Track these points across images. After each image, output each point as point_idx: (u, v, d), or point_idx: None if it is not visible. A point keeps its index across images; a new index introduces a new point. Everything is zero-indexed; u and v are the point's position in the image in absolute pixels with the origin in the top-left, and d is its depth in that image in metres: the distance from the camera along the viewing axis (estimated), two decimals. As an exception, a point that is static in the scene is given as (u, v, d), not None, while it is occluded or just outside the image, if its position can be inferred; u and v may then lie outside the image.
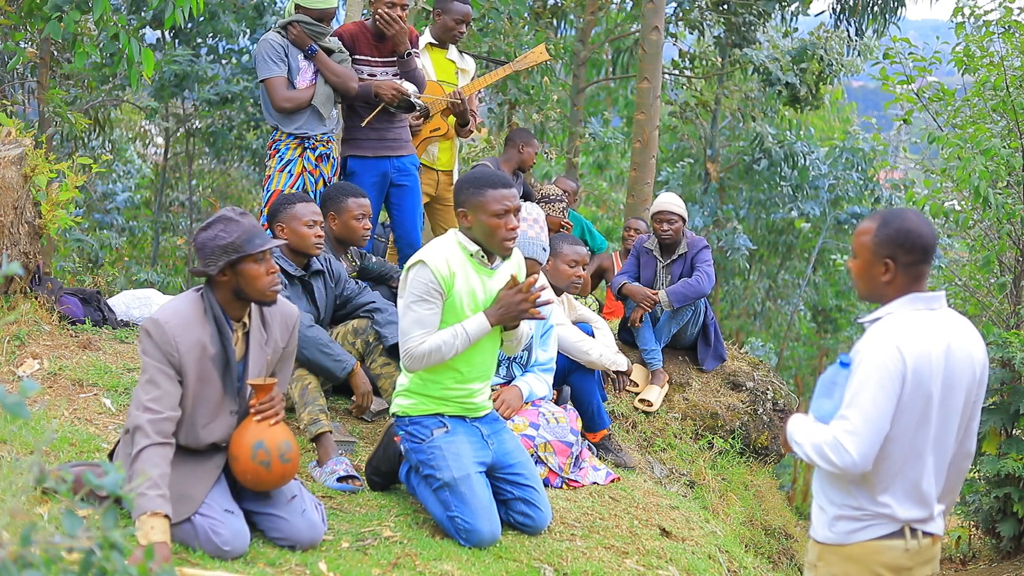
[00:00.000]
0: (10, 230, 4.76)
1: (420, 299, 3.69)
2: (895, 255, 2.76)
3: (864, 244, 2.82)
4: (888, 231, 2.77)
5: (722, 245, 14.90)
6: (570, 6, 12.91)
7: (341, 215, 4.93)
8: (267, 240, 3.31)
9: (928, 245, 2.76)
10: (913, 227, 2.76)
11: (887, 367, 2.67)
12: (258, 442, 3.27)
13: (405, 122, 5.66)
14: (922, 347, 2.71)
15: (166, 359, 3.20)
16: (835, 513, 2.80)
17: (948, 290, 8.18)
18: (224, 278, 3.28)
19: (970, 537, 7.58)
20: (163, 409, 3.18)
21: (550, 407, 4.67)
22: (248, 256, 3.26)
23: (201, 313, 3.29)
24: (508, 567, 3.59)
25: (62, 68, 9.92)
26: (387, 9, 5.38)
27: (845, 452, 2.66)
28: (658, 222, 6.14)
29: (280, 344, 3.48)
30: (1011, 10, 7.22)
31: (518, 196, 3.82)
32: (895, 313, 2.78)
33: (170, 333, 3.19)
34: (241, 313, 3.36)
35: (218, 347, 3.28)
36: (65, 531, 1.70)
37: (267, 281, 3.30)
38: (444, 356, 3.71)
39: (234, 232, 3.27)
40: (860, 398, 2.67)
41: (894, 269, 2.77)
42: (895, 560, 2.76)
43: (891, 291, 2.82)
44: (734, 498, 5.77)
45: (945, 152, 7.28)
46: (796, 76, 12.99)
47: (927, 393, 2.71)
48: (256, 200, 15.69)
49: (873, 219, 2.83)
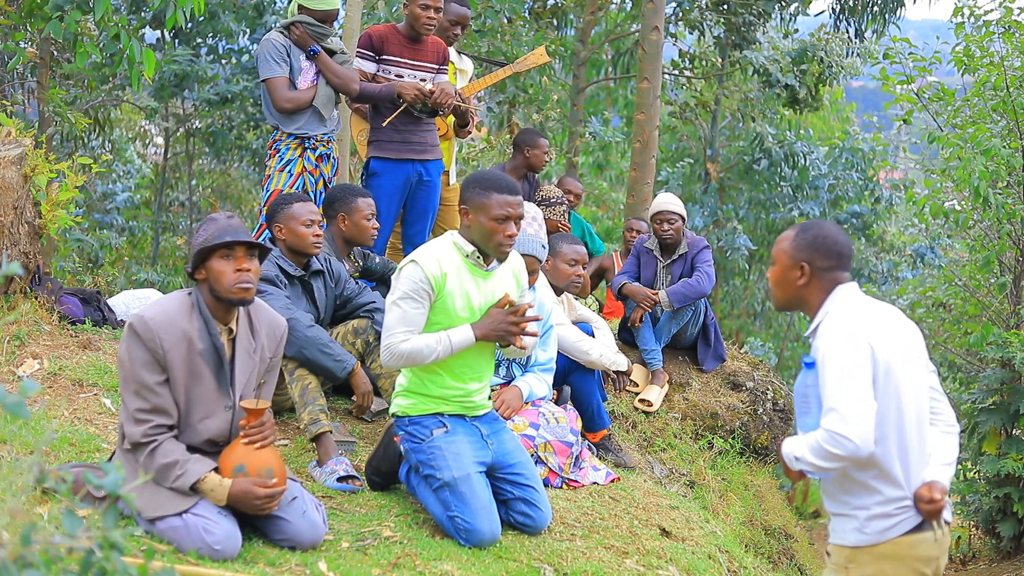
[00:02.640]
0: (10, 230, 4.76)
1: (408, 296, 3.69)
2: (811, 259, 2.90)
3: (782, 250, 2.96)
4: (805, 237, 2.92)
5: (722, 245, 14.89)
6: (570, 6, 12.91)
7: (352, 215, 4.93)
8: (239, 236, 3.28)
9: (843, 251, 2.90)
10: (829, 234, 2.91)
11: (855, 352, 2.75)
12: (239, 465, 3.26)
13: (432, 125, 5.67)
14: (879, 330, 2.81)
15: (151, 356, 3.19)
16: (867, 515, 2.82)
17: (948, 290, 8.19)
18: (201, 276, 3.30)
19: (970, 537, 7.59)
20: (154, 418, 3.20)
21: (550, 407, 4.67)
22: (215, 252, 3.26)
23: (188, 309, 3.29)
24: (508, 567, 3.59)
25: (62, 68, 9.92)
26: (421, 11, 5.42)
27: (845, 439, 2.68)
28: (658, 222, 6.14)
29: (267, 354, 3.46)
30: (1011, 10, 7.22)
31: (522, 204, 3.81)
32: (832, 312, 2.87)
33: (155, 329, 3.19)
34: (226, 316, 3.35)
35: (207, 343, 3.28)
36: (65, 531, 1.70)
37: (232, 277, 3.26)
38: (424, 360, 3.71)
39: (209, 230, 3.29)
40: (837, 387, 2.72)
41: (809, 273, 2.90)
42: (928, 552, 2.82)
43: (808, 296, 2.93)
44: (734, 498, 5.77)
45: (945, 152, 7.28)
46: (796, 78, 12.99)
47: (895, 371, 2.80)
48: (256, 200, 15.69)
49: (792, 228, 2.99)
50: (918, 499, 2.80)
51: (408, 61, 5.55)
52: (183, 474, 3.18)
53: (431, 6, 5.44)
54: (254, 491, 3.22)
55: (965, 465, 7.62)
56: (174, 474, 3.18)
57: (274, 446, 3.40)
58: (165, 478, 3.19)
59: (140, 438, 3.19)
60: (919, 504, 2.80)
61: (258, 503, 3.23)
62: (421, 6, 5.44)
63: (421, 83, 5.47)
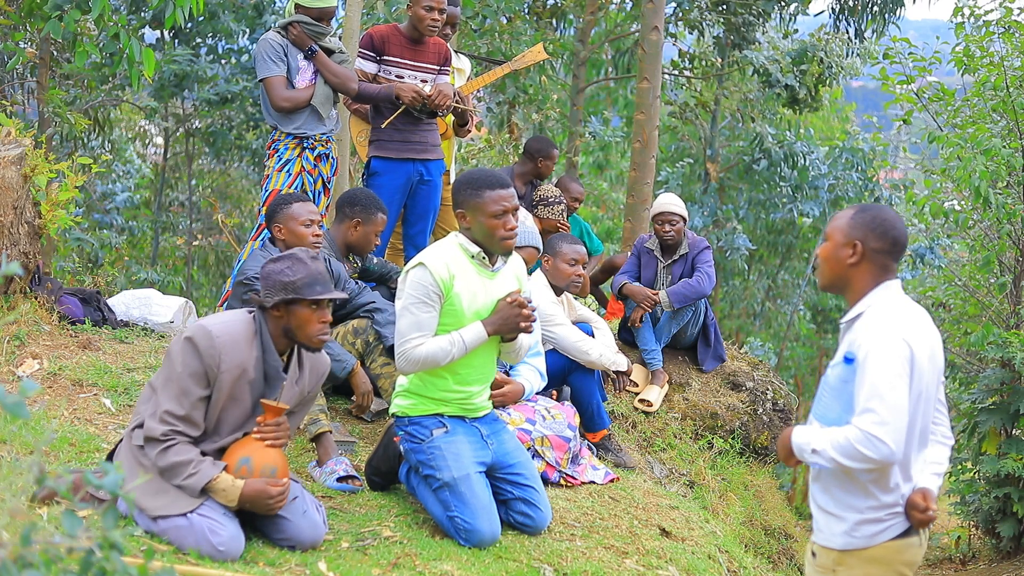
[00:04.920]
0: (10, 230, 4.75)
1: (419, 301, 3.68)
2: (865, 238, 2.81)
3: (837, 227, 2.88)
4: (864, 216, 2.85)
5: (722, 245, 14.89)
6: (570, 6, 12.90)
7: (367, 225, 4.92)
8: (328, 290, 3.33)
9: (898, 238, 2.82)
10: (888, 218, 2.84)
11: (900, 356, 2.69)
12: (245, 458, 3.27)
13: (433, 125, 5.66)
14: (920, 336, 2.76)
15: (204, 372, 3.20)
16: (857, 519, 2.79)
17: (948, 290, 8.18)
18: (277, 313, 3.32)
19: (970, 537, 7.59)
20: (180, 424, 3.21)
21: (546, 403, 4.67)
22: (304, 300, 3.29)
23: (251, 335, 3.31)
24: (508, 567, 3.59)
25: (62, 68, 9.91)
26: (424, 12, 5.42)
27: (881, 443, 2.63)
28: (660, 223, 6.13)
29: (307, 388, 3.52)
30: (1011, 10, 7.21)
31: (515, 196, 3.82)
32: (876, 305, 2.80)
33: (219, 346, 3.20)
34: (284, 349, 3.39)
35: (259, 373, 3.30)
36: (65, 531, 1.70)
37: (317, 328, 3.33)
38: (439, 362, 3.71)
39: (299, 273, 3.30)
40: (881, 388, 2.66)
41: (860, 252, 2.82)
42: (913, 556, 2.82)
43: (855, 277, 2.84)
44: (734, 498, 5.77)
45: (945, 152, 7.28)
46: (796, 78, 12.99)
47: (924, 381, 2.76)
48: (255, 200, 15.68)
49: (851, 207, 2.92)
50: (912, 506, 2.78)
51: (409, 62, 5.55)
52: (196, 473, 3.18)
53: (435, 8, 5.44)
54: (267, 490, 3.23)
55: (965, 465, 7.62)
56: (186, 472, 3.18)
57: (281, 450, 3.40)
58: (175, 475, 3.19)
59: (159, 435, 3.18)
60: (912, 512, 2.78)
61: (271, 502, 3.25)
62: (425, 8, 5.43)
63: (420, 85, 5.47)
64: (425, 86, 5.48)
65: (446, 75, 5.70)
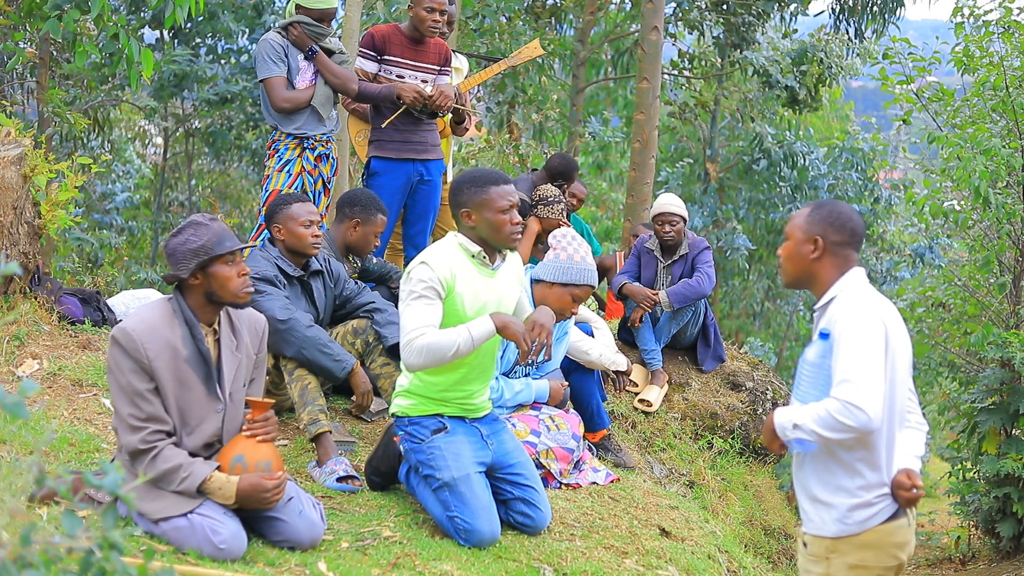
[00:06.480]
0: (10, 230, 4.75)
1: (421, 296, 3.67)
2: (825, 233, 2.92)
3: (797, 225, 2.99)
4: (821, 212, 2.96)
5: (722, 245, 14.90)
6: (569, 6, 12.91)
7: (366, 226, 4.93)
8: (236, 242, 3.35)
9: (856, 228, 2.94)
10: (844, 211, 2.96)
11: (875, 331, 2.79)
12: (239, 456, 3.28)
13: (433, 125, 5.67)
14: (890, 316, 2.86)
15: (137, 367, 3.20)
16: (849, 504, 2.84)
17: (948, 290, 8.18)
18: (196, 281, 3.31)
19: (970, 537, 7.59)
20: (150, 424, 3.20)
21: (551, 411, 4.66)
22: (218, 258, 3.29)
23: (170, 317, 3.31)
24: (508, 567, 3.59)
25: (61, 68, 9.92)
26: (426, 13, 5.43)
27: (859, 410, 2.68)
28: (660, 223, 6.14)
29: (252, 351, 3.49)
30: (1011, 10, 7.21)
31: (516, 194, 3.84)
32: (847, 289, 2.90)
33: (138, 338, 3.20)
34: (212, 318, 3.38)
35: (191, 348, 3.30)
36: (65, 531, 1.70)
37: (239, 283, 3.32)
38: (445, 353, 3.58)
39: (204, 235, 3.30)
40: (856, 361, 2.74)
41: (822, 247, 2.92)
42: (904, 537, 2.87)
43: (819, 271, 2.95)
44: (734, 498, 5.77)
45: (945, 152, 7.28)
46: (795, 78, 12.99)
47: (897, 364, 2.84)
48: (255, 200, 15.68)
49: (806, 206, 3.02)
50: (898, 486, 2.84)
51: (410, 62, 5.55)
52: (188, 476, 3.18)
53: (436, 9, 5.45)
54: (262, 484, 3.24)
55: (965, 465, 7.62)
56: (179, 477, 3.18)
57: (273, 444, 3.40)
58: (169, 482, 3.19)
59: (139, 445, 3.18)
60: (899, 491, 2.83)
61: (267, 495, 3.25)
62: (426, 8, 5.44)
63: (421, 85, 5.47)
64: (426, 86, 5.48)
65: (447, 75, 5.70)
